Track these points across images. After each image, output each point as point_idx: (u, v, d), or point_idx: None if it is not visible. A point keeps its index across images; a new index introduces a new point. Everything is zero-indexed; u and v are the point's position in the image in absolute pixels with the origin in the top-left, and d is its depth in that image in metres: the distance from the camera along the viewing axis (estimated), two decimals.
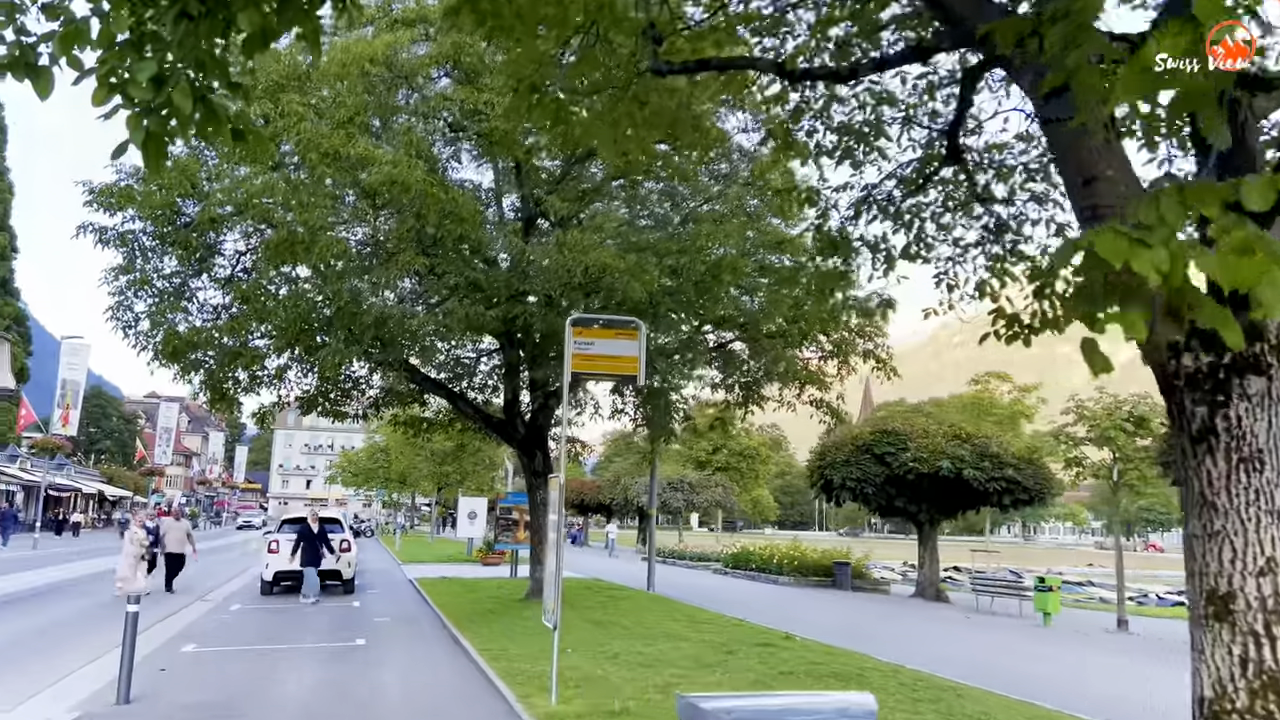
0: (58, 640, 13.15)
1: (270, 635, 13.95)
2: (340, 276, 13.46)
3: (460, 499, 34.78)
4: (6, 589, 19.99)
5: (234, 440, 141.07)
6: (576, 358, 8.93)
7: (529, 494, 18.02)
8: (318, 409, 19.06)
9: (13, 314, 64.43)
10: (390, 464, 61.63)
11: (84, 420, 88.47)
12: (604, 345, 9.02)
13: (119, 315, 15.37)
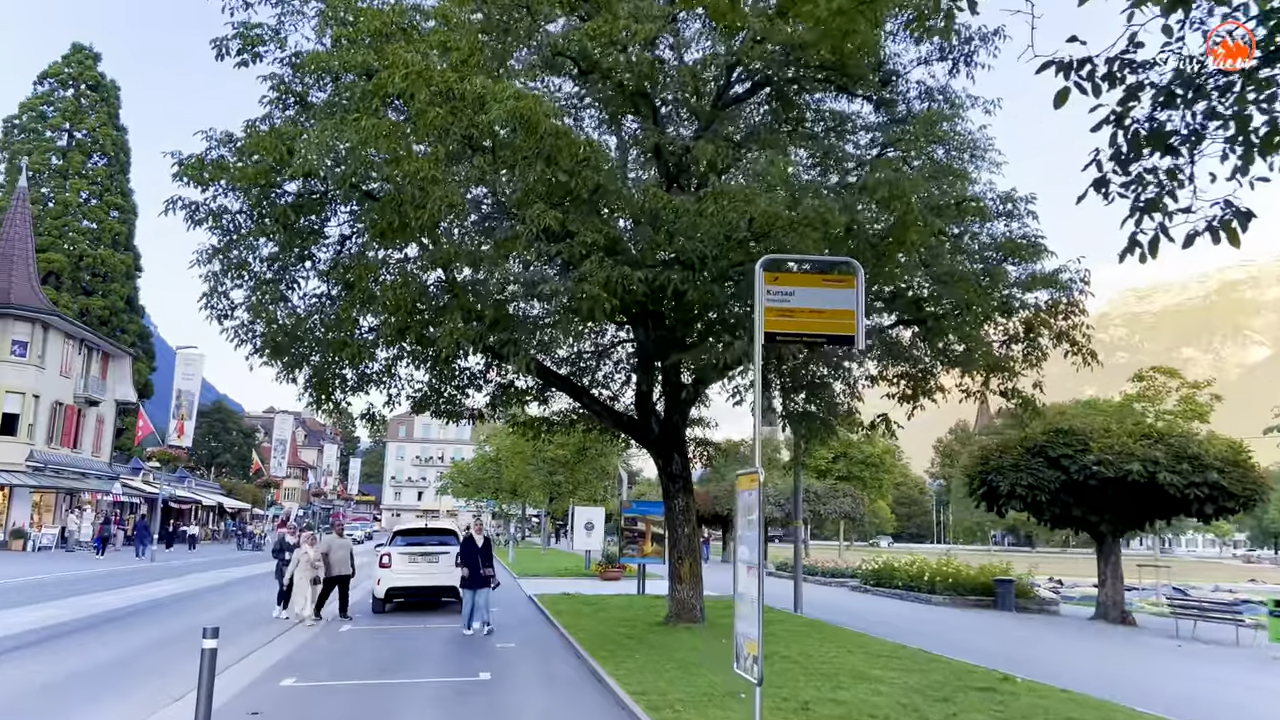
0: (149, 669, 11.51)
1: (382, 665, 12.02)
2: (456, 251, 11.49)
3: (575, 509, 32.84)
4: (111, 604, 18.85)
5: (348, 453, 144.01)
6: (771, 314, 6.59)
7: (665, 501, 15.75)
8: (430, 409, 17.28)
9: (137, 331, 66.20)
10: (501, 474, 60.62)
11: (205, 434, 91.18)
12: (807, 296, 6.67)
13: (214, 303, 13.80)
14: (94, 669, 11.51)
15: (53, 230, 58.83)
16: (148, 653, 13.06)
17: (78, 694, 9.97)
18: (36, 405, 41.55)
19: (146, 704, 9.48)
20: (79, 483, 45.27)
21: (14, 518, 40.02)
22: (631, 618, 16.85)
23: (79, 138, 61.97)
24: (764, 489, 27.78)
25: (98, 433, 49.49)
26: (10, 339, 40.27)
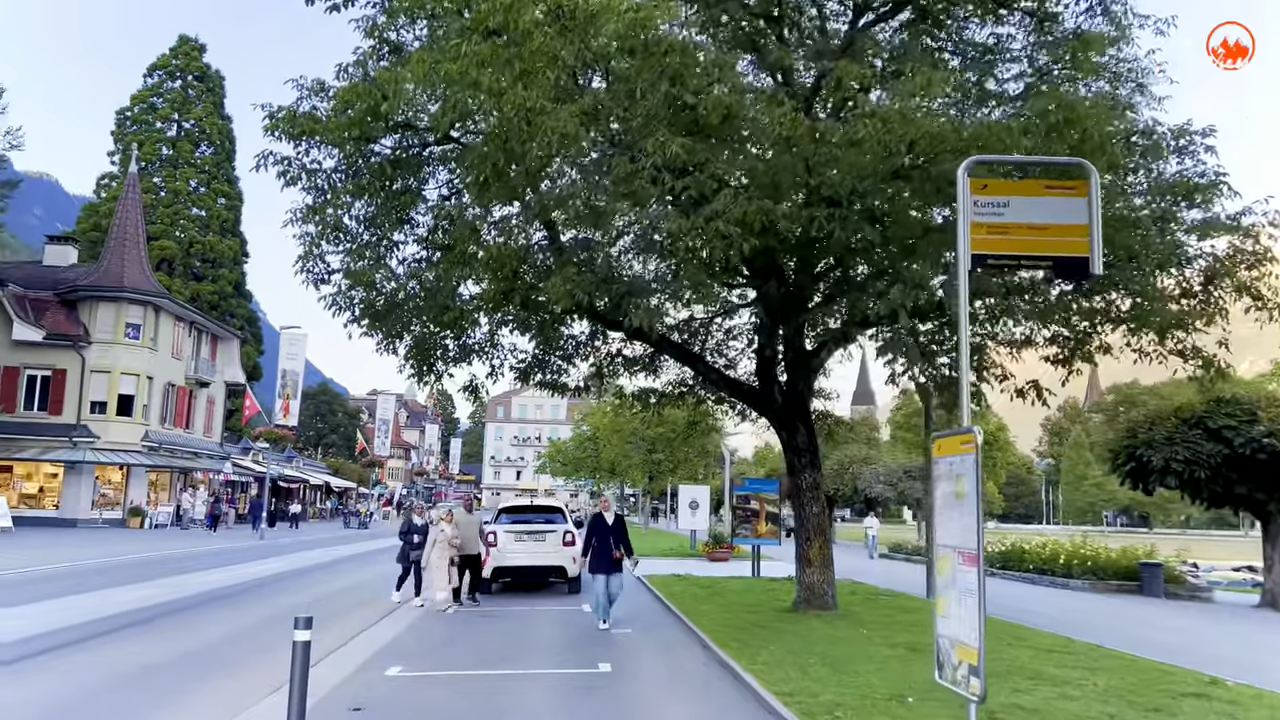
0: (262, 647, 10.81)
1: (492, 653, 11.06)
2: (563, 198, 10.34)
3: (680, 487, 31.72)
4: (224, 581, 18.56)
5: (448, 434, 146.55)
6: (980, 231, 5.18)
7: (790, 476, 14.39)
8: (534, 379, 16.31)
9: (245, 315, 67.84)
10: (599, 453, 60.02)
11: (312, 416, 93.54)
12: (1025, 207, 5.24)
13: (309, 266, 13.03)
14: (204, 648, 10.89)
15: (165, 218, 60.55)
16: (259, 630, 12.51)
17: (187, 674, 9.28)
18: (150, 387, 42.58)
19: (254, 687, 8.72)
20: (192, 462, 46.39)
21: (132, 496, 41.15)
22: (753, 603, 15.60)
23: (187, 127, 63.56)
24: (872, 467, 25.91)
25: (208, 414, 50.70)
26: (125, 322, 41.27)
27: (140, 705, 8.23)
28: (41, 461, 39.04)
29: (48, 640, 10.88)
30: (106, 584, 17.35)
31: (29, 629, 11.61)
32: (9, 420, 38.62)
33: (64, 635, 11.32)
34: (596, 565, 12.91)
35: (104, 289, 40.90)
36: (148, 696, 8.54)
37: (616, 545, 12.96)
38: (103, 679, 9.15)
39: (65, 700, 8.19)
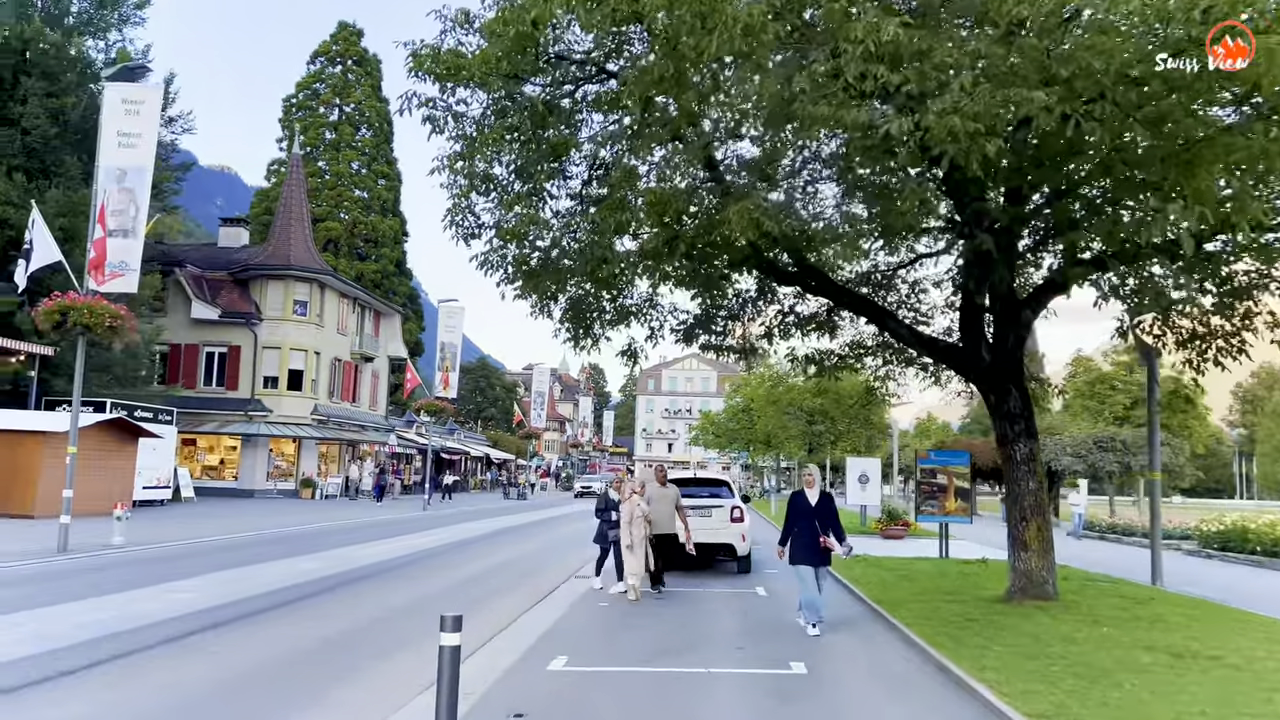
0: (426, 627, 9.97)
1: (666, 644, 9.80)
2: (745, 111, 8.82)
3: (848, 460, 29.75)
4: (394, 552, 18.23)
5: (601, 406, 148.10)
6: None
7: (1001, 447, 12.43)
8: (697, 340, 14.94)
9: (407, 292, 69.71)
10: (753, 425, 58.36)
11: (471, 390, 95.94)
12: None
13: (458, 219, 12.04)
14: (381, 620, 10.15)
15: (329, 200, 62.69)
16: (437, 601, 11.73)
17: (365, 649, 8.48)
18: (318, 362, 43.95)
19: (413, 674, 7.78)
20: (358, 435, 47.80)
21: (303, 468, 42.67)
22: (953, 589, 13.74)
23: (348, 111, 65.47)
24: (1057, 438, 22.85)
25: (373, 387, 52.16)
26: (292, 299, 42.65)
27: (320, 679, 7.52)
28: (220, 434, 40.92)
29: (237, 609, 10.41)
30: (287, 553, 17.34)
31: (212, 600, 11.23)
32: (190, 395, 40.61)
33: (249, 605, 10.86)
34: (800, 555, 10.55)
35: (272, 267, 42.36)
36: (328, 670, 7.90)
37: (824, 529, 10.59)
38: (284, 654, 8.53)
39: (247, 673, 7.47)
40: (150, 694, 7.19)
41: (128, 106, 16.62)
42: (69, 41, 30.70)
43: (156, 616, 10.21)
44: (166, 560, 15.85)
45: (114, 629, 9.46)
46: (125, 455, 26.28)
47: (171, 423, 32.39)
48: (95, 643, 8.76)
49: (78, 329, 15.84)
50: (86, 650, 8.42)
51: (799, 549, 10.57)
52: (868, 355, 16.26)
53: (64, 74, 30.08)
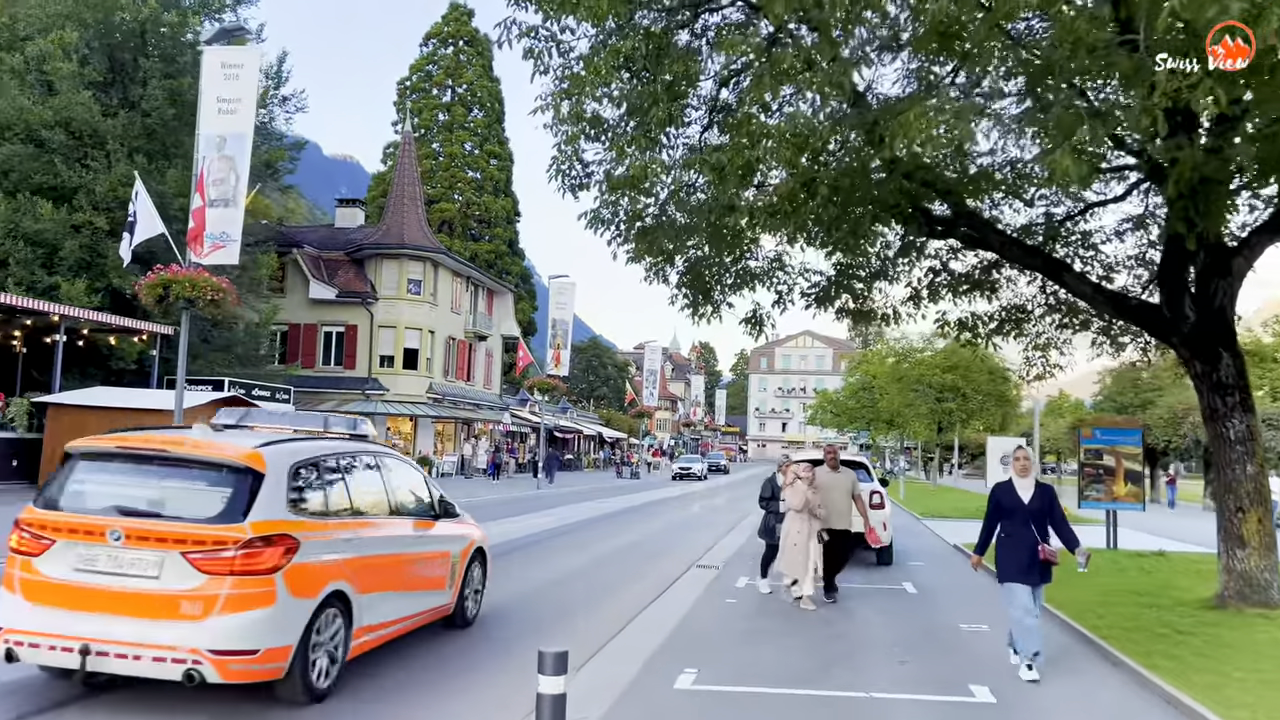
0: (572, 607, 8.77)
1: (810, 657, 8.30)
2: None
3: (989, 440, 27.43)
4: (520, 531, 17.25)
5: (713, 385, 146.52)
6: None
7: (1210, 424, 10.37)
8: (833, 304, 13.27)
9: (520, 272, 69.74)
10: (876, 403, 55.90)
11: (583, 370, 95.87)
12: None
13: (564, 167, 10.74)
14: (515, 600, 9.05)
15: (443, 181, 63.01)
16: (575, 580, 10.57)
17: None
18: (432, 340, 43.88)
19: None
20: (473, 413, 47.70)
21: (420, 446, 42.71)
22: (1143, 590, 11.72)
23: (460, 92, 65.60)
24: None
25: (487, 366, 52.05)
26: (406, 278, 42.62)
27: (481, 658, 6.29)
28: (339, 413, 41.24)
29: None
30: None
31: None
32: (310, 375, 41.07)
33: None
34: (1011, 569, 7.64)
35: (387, 246, 42.39)
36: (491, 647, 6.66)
37: (1043, 534, 7.60)
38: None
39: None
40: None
41: (227, 71, 16.00)
42: (185, 23, 30.91)
43: None
44: None
45: None
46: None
47: (289, 401, 32.55)
48: None
49: (180, 302, 15.34)
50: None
51: (1009, 561, 7.68)
52: (1026, 321, 14.26)
53: (181, 55, 30.31)
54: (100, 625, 5.63)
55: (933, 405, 43.60)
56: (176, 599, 5.68)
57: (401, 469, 8.45)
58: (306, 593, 6.11)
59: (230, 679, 5.65)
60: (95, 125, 28.54)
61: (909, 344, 47.52)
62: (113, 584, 5.74)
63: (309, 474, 6.68)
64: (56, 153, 28.18)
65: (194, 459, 6.26)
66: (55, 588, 5.82)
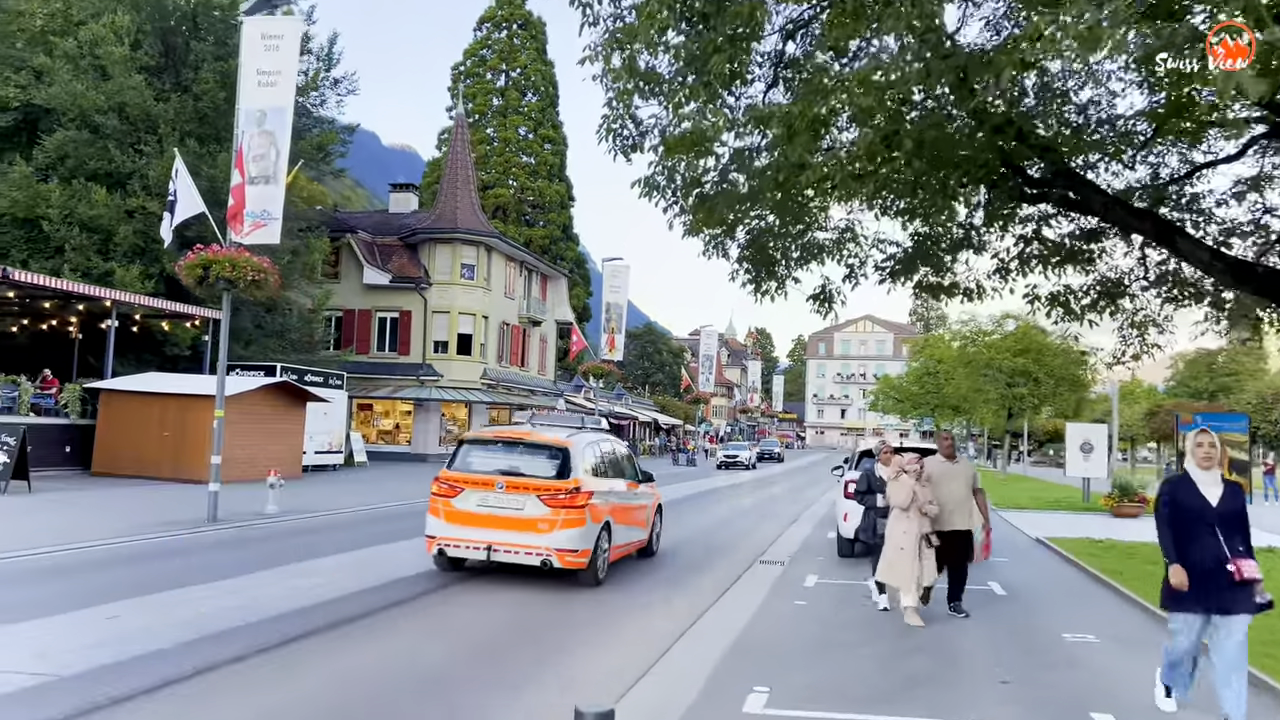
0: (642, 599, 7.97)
1: (898, 672, 7.30)
2: None
3: (1068, 426, 25.91)
4: None
5: (769, 371, 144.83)
6: None
7: None
8: (911, 278, 12.15)
9: (574, 257, 69.10)
10: (941, 388, 54.08)
11: (638, 356, 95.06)
12: None
13: (615, 126, 9.79)
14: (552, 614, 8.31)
15: (498, 166, 62.56)
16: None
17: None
18: (486, 326, 43.38)
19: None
20: (527, 399, 47.13)
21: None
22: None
23: (514, 76, 65.01)
24: None
25: (541, 352, 51.47)
26: (460, 263, 42.13)
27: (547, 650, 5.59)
28: (394, 400, 41.03)
29: (362, 601, 8.79)
30: None
31: (339, 588, 9.67)
32: (364, 361, 40.87)
33: (377, 596, 9.22)
34: (1193, 591, 5.81)
35: (440, 230, 41.92)
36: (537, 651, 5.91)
37: (1235, 546, 5.77)
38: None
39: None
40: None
41: (267, 42, 15.38)
42: (236, 5, 30.61)
43: (269, 609, 8.61)
44: (311, 533, 14.66)
45: (210, 628, 7.89)
46: (293, 419, 25.96)
47: (342, 386, 32.24)
48: (165, 655, 7.16)
49: (220, 283, 14.79)
50: (149, 665, 6.80)
51: (1198, 584, 5.78)
52: (1122, 296, 12.94)
53: (232, 38, 29.95)
54: (495, 535, 10.23)
55: (1003, 390, 41.78)
56: (535, 521, 10.20)
57: (622, 449, 13.09)
58: (596, 520, 10.60)
59: (564, 565, 10.17)
60: (148, 109, 28.40)
61: (977, 326, 45.69)
62: (499, 512, 10.28)
63: (591, 452, 11.36)
64: (110, 138, 28.11)
65: (537, 443, 11.01)
66: (465, 514, 10.37)
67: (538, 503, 10.21)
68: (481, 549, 10.21)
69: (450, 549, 10.46)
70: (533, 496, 10.23)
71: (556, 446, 10.81)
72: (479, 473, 10.59)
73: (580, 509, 10.29)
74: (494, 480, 10.41)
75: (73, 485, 20.14)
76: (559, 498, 10.24)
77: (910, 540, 9.12)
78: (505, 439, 11.38)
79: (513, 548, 10.16)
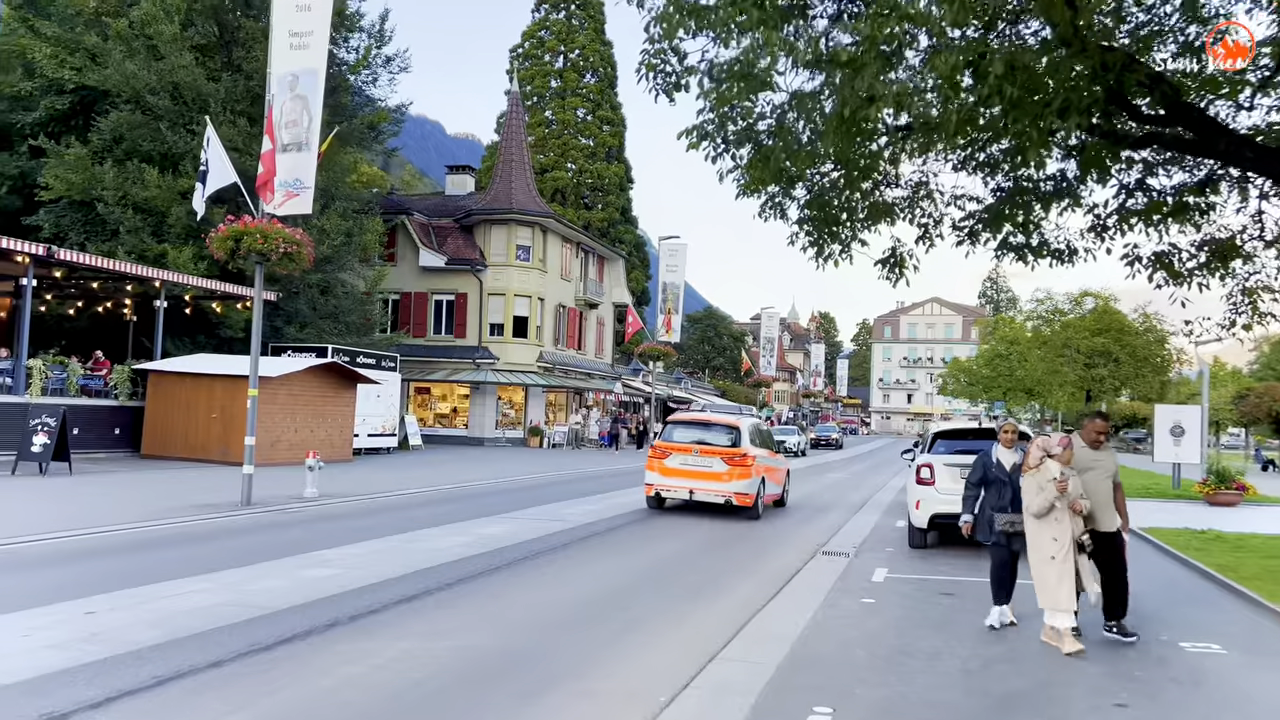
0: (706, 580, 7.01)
1: (982, 691, 6.15)
2: None
3: (1157, 409, 24.09)
4: (594, 513, 15.59)
5: (833, 356, 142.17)
6: None
7: None
8: (995, 237, 10.85)
9: (633, 240, 68.12)
10: (1014, 371, 51.72)
11: (699, 340, 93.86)
12: None
13: (657, 63, 8.72)
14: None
15: (556, 149, 61.80)
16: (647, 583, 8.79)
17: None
18: (542, 308, 42.65)
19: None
20: (584, 382, 46.37)
21: (530, 416, 41.67)
22: None
23: (572, 57, 64.07)
24: None
25: (598, 335, 50.63)
26: (515, 244, 41.42)
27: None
28: (450, 383, 40.58)
29: (375, 595, 7.94)
30: (482, 511, 15.04)
31: (354, 580, 8.84)
32: (421, 344, 40.49)
33: (392, 590, 8.36)
34: None
35: (495, 211, 41.26)
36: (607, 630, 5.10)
37: None
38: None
39: None
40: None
41: (299, 2, 14.61)
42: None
43: (272, 604, 7.79)
44: (345, 518, 13.92)
45: (203, 624, 7.07)
46: (343, 401, 25.48)
47: (395, 369, 31.77)
48: (146, 654, 6.35)
49: (252, 256, 14.12)
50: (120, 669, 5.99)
51: None
52: (1235, 257, 11.43)
53: None
54: (694, 483, 15.43)
55: (1081, 371, 39.55)
56: (720, 474, 15.30)
57: (764, 425, 18.63)
58: (757, 475, 15.56)
59: (739, 504, 15.26)
60: (199, 89, 28.10)
61: (1054, 304, 43.42)
62: (696, 468, 15.43)
63: (752, 429, 16.46)
64: (163, 119, 27.89)
65: (719, 423, 16.48)
66: (674, 470, 15.58)
67: (721, 462, 15.46)
68: (684, 492, 15.76)
69: (664, 492, 16.20)
70: (718, 458, 15.50)
71: (731, 425, 16.23)
72: (680, 442, 15.92)
73: (748, 467, 15.50)
74: (691, 447, 15.71)
75: (118, 467, 19.85)
76: (735, 459, 15.48)
77: (1062, 548, 7.25)
78: (698, 420, 17.37)
79: (706, 491, 15.48)
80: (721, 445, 15.52)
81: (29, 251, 19.53)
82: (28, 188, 28.52)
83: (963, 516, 8.30)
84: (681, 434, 16.10)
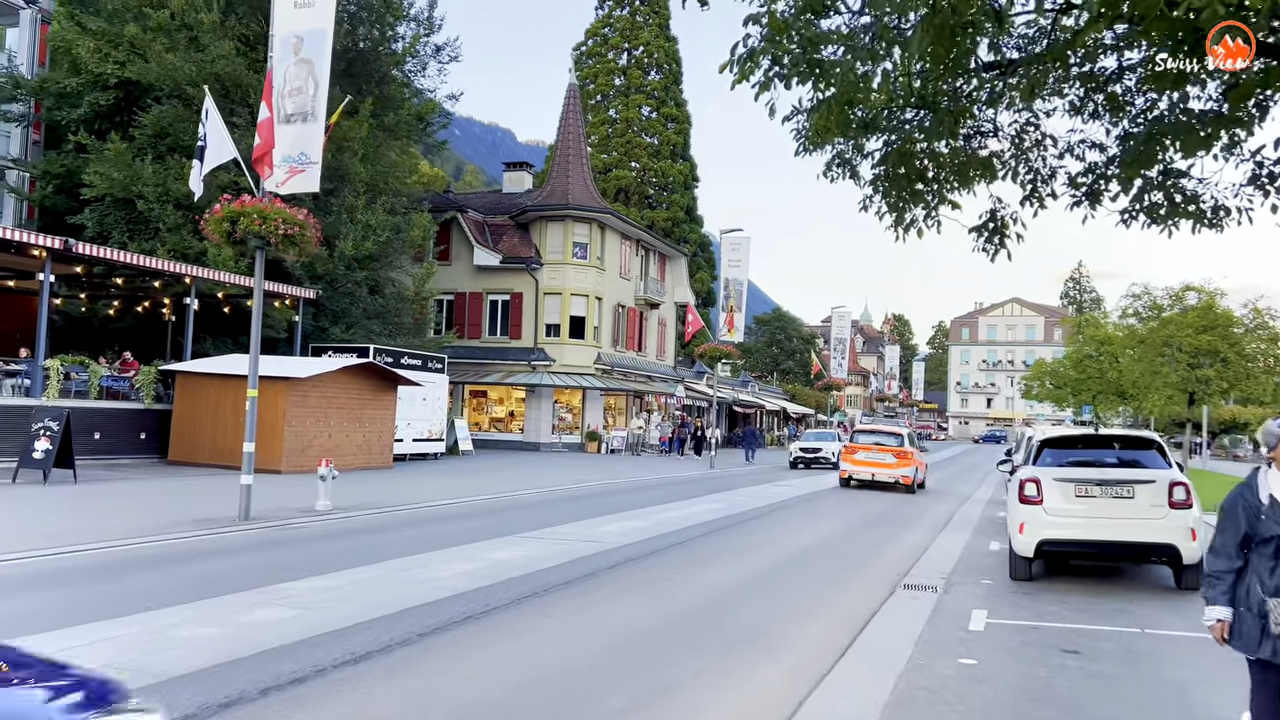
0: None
1: None
2: None
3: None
4: (633, 533, 13.63)
5: (908, 359, 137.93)
6: None
7: None
8: (1127, 190, 8.58)
9: (698, 240, 66.19)
10: (1105, 373, 48.17)
11: (767, 342, 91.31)
12: None
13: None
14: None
15: (619, 147, 60.25)
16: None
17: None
18: (600, 308, 40.96)
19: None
20: (644, 385, 44.50)
21: (588, 420, 39.98)
22: None
23: (636, 54, 62.52)
24: None
25: (660, 335, 48.76)
26: (572, 241, 39.82)
27: None
28: (505, 386, 39.13)
29: (330, 650, 6.20)
30: (504, 529, 13.25)
31: (317, 624, 7.10)
32: (475, 345, 39.16)
33: (349, 641, 6.60)
34: None
35: (550, 207, 39.73)
36: None
37: None
38: None
39: None
40: None
41: None
42: None
43: (168, 669, 6.05)
44: (346, 537, 12.25)
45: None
46: (382, 404, 24.02)
47: (442, 370, 30.31)
48: None
49: (251, 239, 12.59)
50: None
51: None
52: None
53: None
54: (875, 470, 24.61)
55: (1184, 372, 36.16)
56: (891, 464, 24.55)
57: (906, 430, 27.05)
58: (914, 465, 24.99)
59: (904, 484, 24.42)
60: (239, 79, 27.09)
61: (1152, 300, 39.99)
62: (875, 459, 24.69)
63: (910, 435, 27.12)
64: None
65: (889, 430, 26.27)
66: (861, 461, 24.89)
67: (892, 456, 24.19)
68: (868, 475, 24.27)
69: (854, 476, 24.57)
70: (890, 453, 24.25)
71: (898, 432, 25.55)
72: (863, 443, 24.92)
73: (910, 459, 24.26)
74: (872, 446, 24.65)
75: (135, 475, 18.62)
76: (901, 454, 24.25)
77: None
78: (875, 429, 26.14)
79: (883, 475, 24.05)
80: (892, 445, 24.51)
81: (45, 245, 18.47)
82: (74, 186, 27.87)
83: (1211, 611, 4.25)
84: (864, 438, 25.35)
